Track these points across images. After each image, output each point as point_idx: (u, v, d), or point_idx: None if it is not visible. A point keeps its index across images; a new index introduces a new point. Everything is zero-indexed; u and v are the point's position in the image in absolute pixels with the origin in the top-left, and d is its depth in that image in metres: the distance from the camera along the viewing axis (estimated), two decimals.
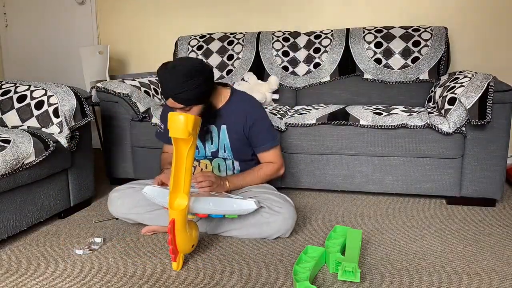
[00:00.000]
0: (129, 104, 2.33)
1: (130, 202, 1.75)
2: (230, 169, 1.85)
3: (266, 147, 1.83)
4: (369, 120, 2.11)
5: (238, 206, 1.53)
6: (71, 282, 1.39)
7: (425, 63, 2.58)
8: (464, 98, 1.95)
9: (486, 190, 2.04)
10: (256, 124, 1.79)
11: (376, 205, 2.10)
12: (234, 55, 2.84)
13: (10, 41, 3.67)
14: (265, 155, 1.84)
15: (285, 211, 1.66)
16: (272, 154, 1.85)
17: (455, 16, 2.80)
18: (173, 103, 1.64)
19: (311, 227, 1.83)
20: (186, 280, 1.39)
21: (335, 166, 2.19)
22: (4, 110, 1.92)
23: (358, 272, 1.35)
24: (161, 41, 3.29)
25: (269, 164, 1.85)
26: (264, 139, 1.82)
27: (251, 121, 1.78)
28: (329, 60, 2.71)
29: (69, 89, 1.96)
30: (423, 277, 1.40)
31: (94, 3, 3.39)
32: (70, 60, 3.49)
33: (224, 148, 1.81)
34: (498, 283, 1.36)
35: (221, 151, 1.82)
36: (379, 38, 2.65)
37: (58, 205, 1.93)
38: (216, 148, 1.82)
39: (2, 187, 1.61)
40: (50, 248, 1.66)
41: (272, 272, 1.44)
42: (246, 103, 1.82)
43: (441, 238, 1.70)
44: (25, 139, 1.71)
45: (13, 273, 1.46)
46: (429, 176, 2.10)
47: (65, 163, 1.93)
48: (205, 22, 3.19)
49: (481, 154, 2.02)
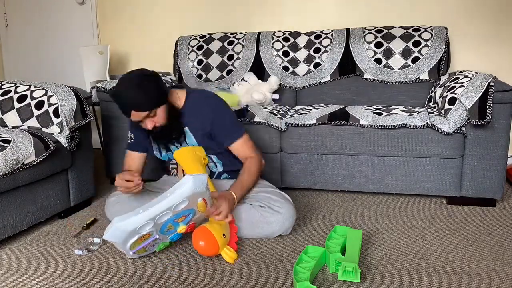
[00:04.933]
0: None
1: (127, 207, 1.73)
2: (212, 166, 1.84)
3: (233, 139, 1.76)
4: (369, 120, 2.11)
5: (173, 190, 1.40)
6: (71, 282, 1.39)
7: (425, 63, 2.58)
8: (464, 98, 1.95)
9: (486, 190, 2.04)
10: (216, 118, 1.74)
11: (376, 205, 2.10)
12: (234, 55, 2.84)
13: (10, 41, 3.67)
14: (236, 147, 1.77)
15: (285, 210, 1.67)
16: (242, 145, 1.77)
17: (455, 16, 2.79)
18: (136, 115, 1.61)
19: (311, 227, 1.83)
20: (186, 280, 1.39)
21: (335, 166, 2.19)
22: (4, 110, 1.92)
23: (358, 272, 1.35)
24: (161, 41, 3.29)
25: (250, 159, 1.77)
26: (228, 131, 1.76)
27: (211, 118, 1.74)
28: (329, 60, 2.71)
29: (69, 89, 1.96)
30: (423, 277, 1.40)
31: (94, 3, 3.39)
32: (70, 60, 3.49)
33: None
34: (498, 283, 1.36)
35: None
36: (379, 38, 2.65)
37: (58, 205, 1.93)
38: None
39: (2, 187, 1.61)
40: (50, 248, 1.66)
41: (272, 272, 1.44)
42: (202, 100, 1.79)
43: (441, 238, 1.70)
44: (25, 139, 1.71)
45: (13, 273, 1.46)
46: (429, 176, 2.10)
47: (65, 163, 1.93)
48: (205, 22, 3.19)
49: (481, 154, 2.02)
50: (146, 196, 1.76)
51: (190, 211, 1.49)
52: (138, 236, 1.41)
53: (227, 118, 1.78)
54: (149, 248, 1.51)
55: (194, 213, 1.52)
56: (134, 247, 1.45)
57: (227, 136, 1.76)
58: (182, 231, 1.52)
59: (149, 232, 1.43)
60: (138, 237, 1.41)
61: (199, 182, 1.42)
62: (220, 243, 1.47)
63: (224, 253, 1.50)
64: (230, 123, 1.78)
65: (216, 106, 1.78)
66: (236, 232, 1.62)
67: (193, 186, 1.40)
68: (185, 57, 2.92)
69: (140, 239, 1.43)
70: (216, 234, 1.47)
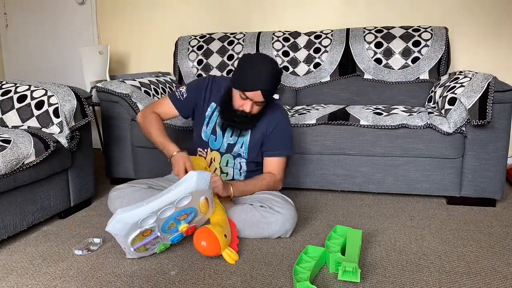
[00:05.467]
0: (129, 104, 2.33)
1: (129, 201, 1.74)
2: (237, 168, 1.85)
3: (277, 153, 1.83)
4: (369, 120, 2.11)
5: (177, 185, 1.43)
6: (71, 282, 1.39)
7: (425, 63, 2.58)
8: (464, 98, 1.95)
9: (486, 190, 2.04)
10: (278, 128, 1.80)
11: (376, 205, 2.10)
12: (234, 55, 2.84)
13: (10, 41, 3.67)
14: (272, 161, 1.83)
15: (286, 211, 1.67)
16: (278, 163, 1.84)
17: (455, 16, 2.79)
18: (257, 95, 1.64)
19: (311, 227, 1.82)
20: (186, 280, 1.39)
21: (335, 166, 2.19)
22: (5, 110, 1.92)
23: (358, 272, 1.35)
24: (161, 41, 3.29)
25: (272, 175, 1.83)
26: (279, 144, 1.82)
27: (274, 124, 1.79)
28: (329, 60, 2.71)
29: (69, 89, 1.96)
30: (423, 277, 1.40)
31: (94, 3, 3.39)
32: (70, 60, 3.49)
33: (241, 144, 1.81)
34: (498, 283, 1.36)
35: (238, 146, 1.81)
36: (379, 38, 2.65)
37: (58, 205, 1.93)
38: (234, 142, 1.81)
39: (2, 187, 1.61)
40: (50, 248, 1.66)
41: (272, 272, 1.44)
42: (277, 107, 1.86)
43: (441, 238, 1.70)
44: (26, 139, 1.71)
45: (13, 273, 1.46)
46: (429, 176, 2.10)
47: (65, 163, 1.93)
48: (205, 22, 3.19)
49: (481, 154, 2.02)
50: (149, 193, 1.76)
51: (192, 209, 1.50)
52: (140, 231, 1.41)
53: (288, 133, 1.85)
54: (150, 246, 1.51)
55: (196, 213, 1.52)
56: (135, 243, 1.45)
57: (276, 147, 1.82)
58: (183, 230, 1.52)
59: (151, 228, 1.44)
60: (140, 231, 1.41)
61: (202, 179, 1.44)
62: (222, 243, 1.47)
63: (225, 254, 1.50)
64: (288, 137, 1.85)
65: (286, 117, 1.87)
66: (237, 236, 1.63)
67: (197, 181, 1.42)
68: (185, 57, 2.92)
69: (142, 235, 1.43)
70: (218, 234, 1.47)
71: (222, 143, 1.83)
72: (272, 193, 1.77)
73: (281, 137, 1.82)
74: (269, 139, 1.80)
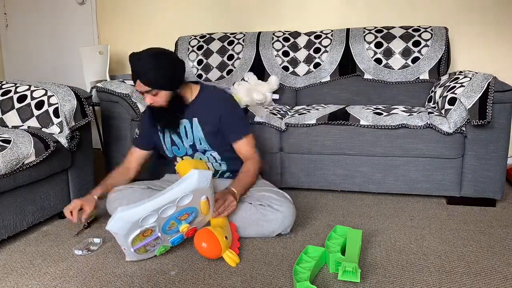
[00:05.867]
0: (129, 104, 2.33)
1: (128, 202, 1.73)
2: (212, 161, 1.85)
3: (237, 137, 1.81)
4: (369, 120, 2.11)
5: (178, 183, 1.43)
6: (71, 282, 1.39)
7: (425, 63, 2.58)
8: (464, 98, 1.95)
9: (486, 190, 2.04)
10: (226, 115, 1.79)
11: (376, 205, 2.10)
12: (234, 55, 2.84)
13: (10, 41, 3.67)
14: (239, 145, 1.81)
15: (285, 209, 1.68)
16: (245, 145, 1.81)
17: (455, 16, 2.79)
18: (139, 85, 1.67)
19: (311, 227, 1.83)
20: (186, 280, 1.39)
21: (335, 166, 2.19)
22: (5, 110, 1.92)
23: (358, 272, 1.35)
24: (161, 41, 3.28)
25: (251, 161, 1.82)
26: (234, 129, 1.81)
27: (221, 112, 1.78)
28: (329, 60, 2.71)
29: (69, 89, 1.96)
30: (423, 277, 1.40)
31: (94, 3, 3.39)
32: (70, 60, 3.49)
33: (199, 141, 1.81)
34: (498, 283, 1.36)
35: (197, 144, 1.82)
36: (379, 38, 2.65)
37: (58, 205, 1.93)
38: (192, 142, 1.82)
39: (2, 187, 1.61)
40: (50, 248, 1.66)
41: (272, 272, 1.44)
42: (215, 96, 1.84)
43: (441, 238, 1.70)
44: (26, 139, 1.71)
45: (13, 273, 1.46)
46: (429, 176, 2.10)
47: (65, 163, 1.93)
48: (205, 22, 3.19)
49: (481, 154, 2.02)
50: (148, 194, 1.76)
51: (193, 209, 1.50)
52: (141, 230, 1.41)
53: (236, 114, 1.84)
54: (150, 248, 1.51)
55: (196, 213, 1.52)
56: (136, 243, 1.45)
57: (234, 132, 1.81)
58: (184, 231, 1.52)
59: (152, 228, 1.43)
60: (140, 230, 1.41)
61: (203, 178, 1.44)
62: (222, 245, 1.47)
63: (226, 256, 1.49)
64: (239, 120, 1.84)
65: (227, 101, 1.84)
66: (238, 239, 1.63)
67: (198, 180, 1.42)
68: (185, 57, 2.92)
69: (142, 235, 1.43)
70: (218, 236, 1.47)
71: (185, 148, 1.84)
72: (271, 190, 1.78)
73: (231, 123, 1.80)
74: (223, 128, 1.80)
